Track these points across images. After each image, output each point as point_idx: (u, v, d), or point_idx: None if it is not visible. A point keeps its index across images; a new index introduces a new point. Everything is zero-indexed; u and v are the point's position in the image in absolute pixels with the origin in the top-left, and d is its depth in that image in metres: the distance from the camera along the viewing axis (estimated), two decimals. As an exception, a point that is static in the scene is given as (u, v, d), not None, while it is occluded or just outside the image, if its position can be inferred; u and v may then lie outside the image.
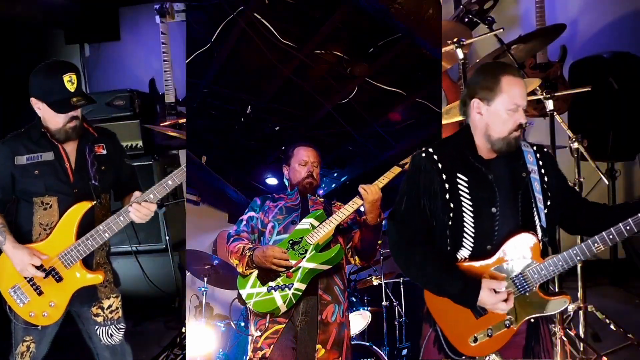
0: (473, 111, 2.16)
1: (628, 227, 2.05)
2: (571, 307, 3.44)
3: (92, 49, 5.69)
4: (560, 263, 2.11)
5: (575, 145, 3.27)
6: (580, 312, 3.42)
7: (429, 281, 2.17)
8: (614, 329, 3.48)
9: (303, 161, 3.04)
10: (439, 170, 2.15)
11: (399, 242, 2.20)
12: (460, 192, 2.13)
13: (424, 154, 2.18)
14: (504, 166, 2.17)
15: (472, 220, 2.13)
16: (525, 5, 5.14)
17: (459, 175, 2.14)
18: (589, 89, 3.37)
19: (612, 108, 4.52)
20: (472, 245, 2.14)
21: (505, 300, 2.07)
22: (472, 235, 2.14)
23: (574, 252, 2.10)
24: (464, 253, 2.16)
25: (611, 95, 4.50)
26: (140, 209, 2.50)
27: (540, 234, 2.15)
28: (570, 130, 3.32)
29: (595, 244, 2.09)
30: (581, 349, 3.32)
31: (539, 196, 2.16)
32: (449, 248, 2.17)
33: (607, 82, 4.50)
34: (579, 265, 3.37)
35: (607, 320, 3.49)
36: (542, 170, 2.21)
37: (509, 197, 2.15)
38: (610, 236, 2.07)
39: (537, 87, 3.26)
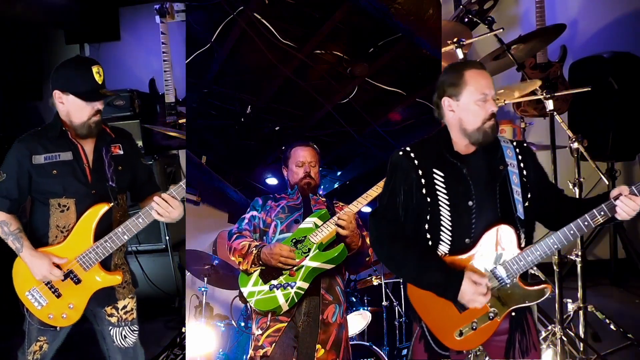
0: (445, 110, 2.23)
1: (602, 213, 2.09)
2: (571, 307, 3.44)
3: (92, 49, 5.69)
4: (538, 252, 2.14)
5: (575, 145, 3.27)
6: (580, 312, 3.42)
7: (410, 274, 2.20)
8: (614, 329, 3.48)
9: (300, 162, 3.05)
10: (415, 167, 2.20)
11: (379, 238, 2.24)
12: (436, 187, 2.18)
13: (400, 152, 2.25)
14: (480, 160, 2.21)
15: (449, 215, 2.16)
16: (525, 5, 5.14)
17: (435, 170, 2.19)
18: (589, 89, 3.37)
19: (612, 108, 4.51)
20: (450, 239, 2.17)
21: (484, 295, 2.09)
22: (450, 229, 2.16)
23: (551, 240, 2.13)
24: (443, 248, 2.18)
25: (611, 95, 4.50)
26: (161, 202, 2.45)
27: (518, 225, 2.17)
28: (570, 130, 3.31)
29: (571, 232, 2.12)
30: (581, 349, 3.32)
31: (516, 189, 2.19)
32: (429, 244, 2.19)
33: (607, 82, 4.50)
34: (579, 266, 3.37)
35: (607, 320, 3.49)
36: (522, 164, 2.25)
37: (486, 191, 2.18)
38: (585, 223, 2.10)
39: (537, 87, 3.26)
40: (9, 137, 2.62)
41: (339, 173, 6.16)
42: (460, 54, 3.33)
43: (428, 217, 2.18)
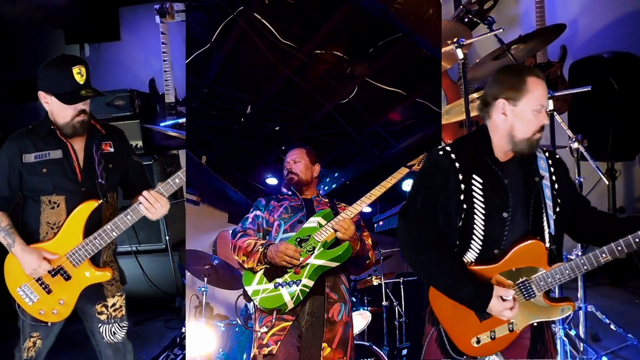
0: (497, 112, 2.12)
1: (637, 240, 2.04)
2: (571, 307, 3.44)
3: (92, 49, 5.69)
4: (567, 272, 2.11)
5: (575, 145, 3.27)
6: (580, 312, 3.42)
7: (440, 284, 2.15)
8: (614, 329, 3.48)
9: (286, 162, 3.12)
10: (456, 170, 2.11)
11: (412, 242, 2.16)
12: (474, 194, 2.11)
13: (441, 152, 2.15)
14: (518, 170, 2.15)
15: (483, 224, 2.11)
16: (525, 5, 5.14)
17: (474, 176, 2.12)
18: (589, 89, 3.37)
19: (612, 108, 4.51)
20: (479, 248, 2.13)
21: (511, 308, 2.08)
22: (481, 238, 2.12)
23: (582, 261, 2.10)
24: (470, 256, 2.15)
25: (611, 95, 4.50)
26: (149, 197, 2.47)
27: (548, 241, 2.15)
28: (570, 130, 3.31)
29: (603, 255, 2.08)
30: (581, 349, 3.32)
31: (549, 202, 2.15)
32: (456, 250, 2.15)
33: (607, 82, 4.50)
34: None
35: (607, 320, 3.49)
36: (554, 177, 2.20)
37: (520, 202, 2.13)
38: (619, 248, 2.06)
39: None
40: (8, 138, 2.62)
41: (338, 173, 6.16)
42: (460, 54, 3.32)
43: (460, 223, 2.12)
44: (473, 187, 2.11)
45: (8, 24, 5.45)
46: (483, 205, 2.11)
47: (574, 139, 3.27)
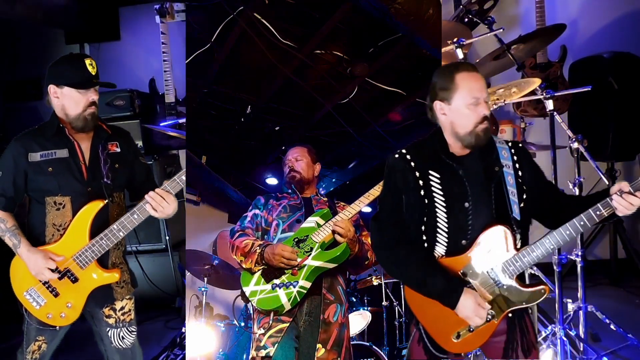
0: (438, 113, 2.21)
1: (599, 212, 2.07)
2: (571, 307, 3.45)
3: (92, 49, 5.70)
4: (535, 253, 2.13)
5: (575, 145, 3.27)
6: (580, 312, 3.42)
7: (411, 279, 2.21)
8: (614, 329, 3.48)
9: (287, 160, 3.13)
10: (411, 168, 2.20)
11: (381, 242, 2.24)
12: (432, 188, 2.17)
13: (397, 155, 2.25)
14: (476, 161, 2.20)
15: (446, 216, 2.16)
16: (525, 5, 5.15)
17: (431, 172, 2.19)
18: (589, 89, 3.37)
19: (612, 108, 4.51)
20: (446, 240, 2.17)
21: (482, 318, 2.11)
22: (446, 231, 2.16)
23: (547, 241, 2.12)
24: (439, 250, 2.18)
25: (611, 95, 4.50)
26: (155, 196, 2.45)
27: (514, 226, 2.16)
28: (570, 130, 3.31)
29: (567, 232, 2.10)
30: (581, 349, 3.32)
31: (512, 189, 2.18)
32: (425, 245, 2.19)
33: (607, 82, 4.50)
34: (579, 266, 3.37)
35: (607, 320, 3.49)
36: (517, 165, 2.23)
37: (482, 192, 2.17)
38: (582, 223, 2.09)
39: (537, 87, 3.26)
40: (9, 138, 2.61)
41: (338, 173, 6.16)
42: (460, 54, 3.33)
43: (425, 218, 2.18)
44: (431, 182, 2.18)
45: (8, 24, 5.45)
46: (443, 198, 2.16)
47: (574, 139, 3.27)
